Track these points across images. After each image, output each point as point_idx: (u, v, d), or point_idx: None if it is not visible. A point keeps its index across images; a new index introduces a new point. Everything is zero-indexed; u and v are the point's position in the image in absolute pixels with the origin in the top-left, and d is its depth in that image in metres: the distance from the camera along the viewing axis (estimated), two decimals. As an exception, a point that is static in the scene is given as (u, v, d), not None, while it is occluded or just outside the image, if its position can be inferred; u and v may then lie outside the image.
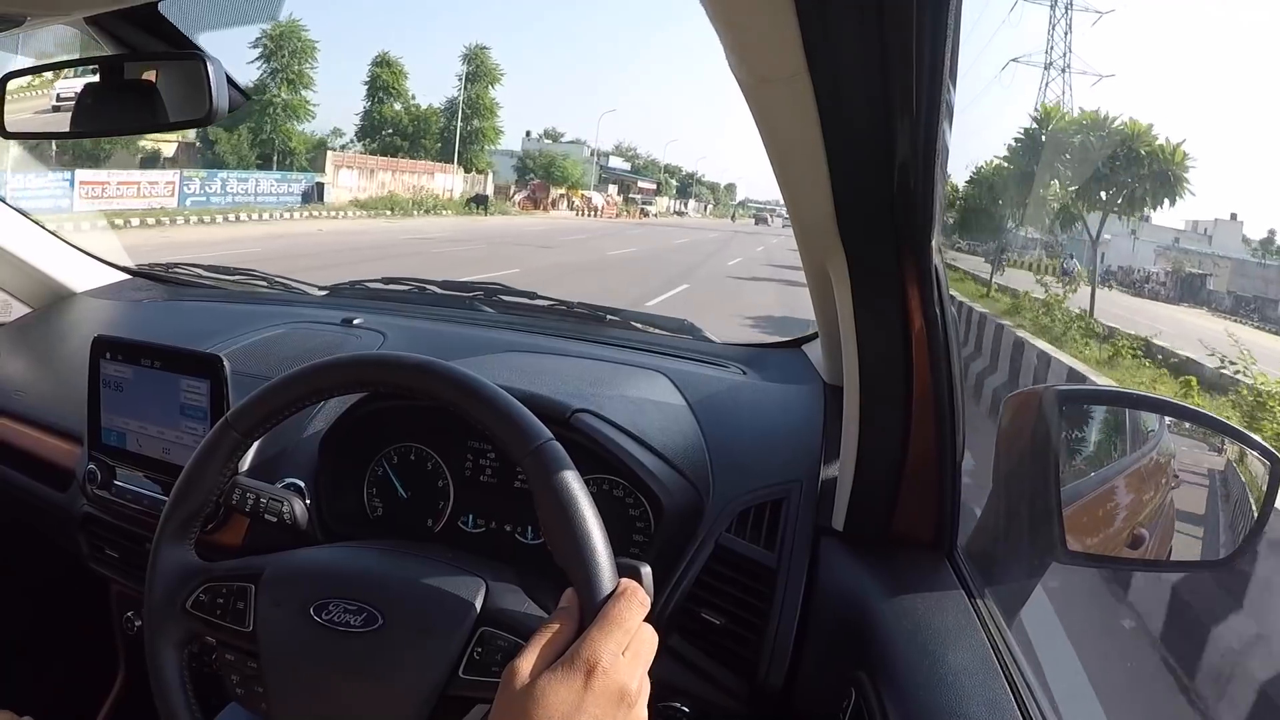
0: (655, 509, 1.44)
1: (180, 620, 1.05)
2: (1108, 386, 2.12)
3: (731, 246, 39.44)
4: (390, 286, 2.46)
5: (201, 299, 2.53)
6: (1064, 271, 22.83)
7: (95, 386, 1.66)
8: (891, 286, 1.17)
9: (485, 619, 1.00)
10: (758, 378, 1.84)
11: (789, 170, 1.11)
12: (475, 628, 0.99)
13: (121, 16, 1.35)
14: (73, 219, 18.31)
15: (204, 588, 1.06)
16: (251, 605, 1.04)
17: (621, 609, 0.90)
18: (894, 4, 0.78)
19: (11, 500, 2.00)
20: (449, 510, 1.57)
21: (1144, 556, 1.30)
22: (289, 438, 1.60)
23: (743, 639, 1.34)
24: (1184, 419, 1.35)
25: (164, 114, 1.39)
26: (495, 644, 0.98)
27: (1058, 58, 45.99)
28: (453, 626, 0.99)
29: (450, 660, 0.97)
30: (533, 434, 0.97)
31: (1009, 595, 1.33)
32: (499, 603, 1.03)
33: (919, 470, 1.30)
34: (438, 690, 0.96)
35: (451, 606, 1.01)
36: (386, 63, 47.24)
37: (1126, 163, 18.56)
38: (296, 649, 1.01)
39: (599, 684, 0.85)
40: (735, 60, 0.89)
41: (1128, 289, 38.29)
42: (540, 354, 1.85)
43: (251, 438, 1.10)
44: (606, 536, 0.94)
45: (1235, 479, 1.28)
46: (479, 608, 1.02)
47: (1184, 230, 47.90)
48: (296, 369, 1.09)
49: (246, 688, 1.05)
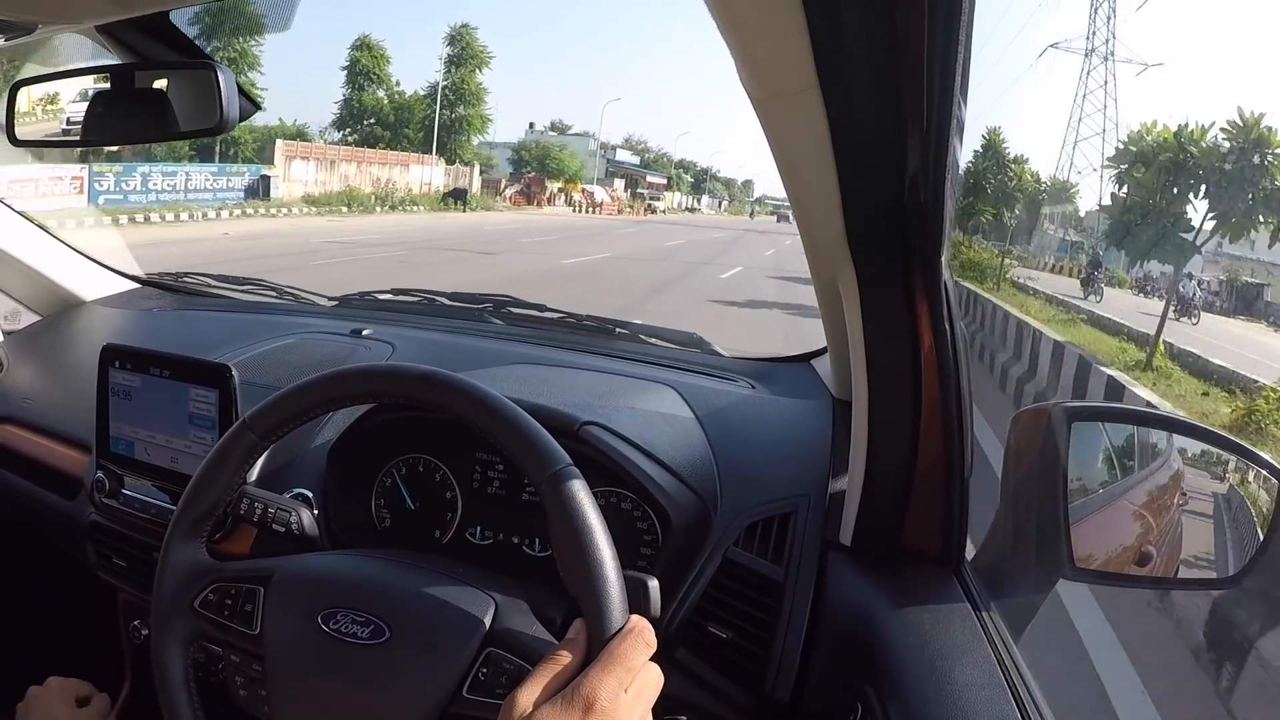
0: (663, 522, 1.43)
1: (188, 618, 1.05)
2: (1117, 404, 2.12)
3: (734, 251, 34.42)
4: (399, 298, 2.47)
5: (211, 309, 2.54)
6: (1182, 299, 19.89)
7: (104, 395, 1.66)
8: (901, 301, 1.17)
9: (493, 639, 1.00)
10: (766, 392, 1.84)
11: (799, 184, 1.11)
12: (482, 648, 0.99)
13: (133, 25, 1.35)
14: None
15: (213, 587, 1.06)
16: (260, 608, 1.04)
17: (627, 648, 0.89)
18: (905, 20, 0.78)
19: (19, 508, 2.00)
20: (457, 521, 1.57)
21: (1151, 574, 1.29)
22: (297, 448, 1.61)
23: (749, 653, 1.33)
24: (1192, 437, 1.34)
25: (174, 123, 1.39)
26: (501, 666, 0.97)
27: (1100, 44, 44.30)
28: (460, 645, 0.99)
29: (455, 679, 0.97)
30: (552, 459, 0.97)
31: (1016, 611, 1.33)
32: (507, 623, 1.03)
33: (927, 485, 1.29)
34: (440, 708, 0.96)
35: (459, 624, 1.01)
36: (367, 46, 45.12)
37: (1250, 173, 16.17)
38: (302, 656, 1.01)
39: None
40: (746, 74, 0.89)
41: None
42: (549, 366, 1.85)
43: (268, 440, 1.11)
44: (620, 570, 0.93)
45: (1243, 497, 1.28)
46: (487, 626, 1.01)
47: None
48: (320, 374, 1.09)
49: (250, 690, 1.05)
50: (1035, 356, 11.94)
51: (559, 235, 31.76)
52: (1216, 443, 1.31)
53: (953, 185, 0.98)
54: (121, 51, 1.39)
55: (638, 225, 48.43)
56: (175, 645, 1.05)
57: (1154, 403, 9.16)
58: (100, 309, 2.46)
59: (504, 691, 0.92)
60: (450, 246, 24.16)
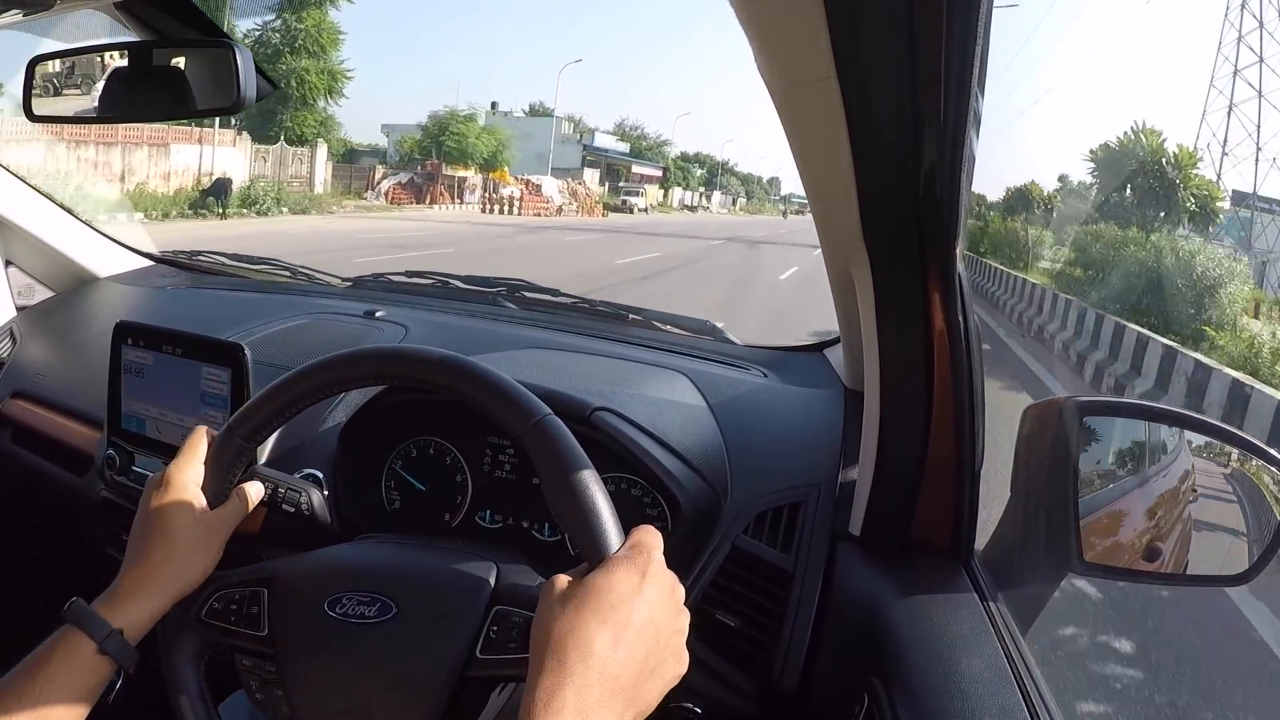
0: (673, 509, 1.44)
1: (196, 630, 1.04)
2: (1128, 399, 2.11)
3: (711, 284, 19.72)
4: (413, 280, 2.47)
5: (224, 287, 2.55)
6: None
7: (116, 372, 1.66)
8: (915, 293, 1.17)
9: (499, 597, 1.00)
10: (779, 381, 1.84)
11: (815, 174, 1.11)
12: (490, 606, 0.99)
13: (151, 2, 1.35)
14: None
15: (217, 596, 1.05)
16: (265, 609, 1.04)
17: (646, 532, 0.93)
18: (923, 10, 0.78)
19: (30, 483, 2.01)
20: (466, 505, 1.57)
21: (1160, 570, 1.29)
22: (309, 428, 1.61)
23: (757, 641, 1.34)
24: (1204, 433, 1.34)
25: (191, 101, 1.39)
26: (510, 620, 0.97)
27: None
28: (467, 608, 0.99)
29: (467, 642, 0.97)
30: (531, 408, 0.98)
31: (1024, 604, 1.33)
32: (511, 579, 1.03)
33: (937, 477, 1.30)
34: (456, 673, 0.96)
35: (464, 588, 1.01)
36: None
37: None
38: (313, 646, 1.01)
39: (656, 573, 0.88)
40: (764, 63, 0.89)
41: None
42: (562, 351, 1.85)
43: (254, 441, 1.11)
44: (611, 502, 0.94)
45: (1254, 493, 1.28)
46: (492, 585, 1.02)
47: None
48: (291, 371, 1.10)
49: (266, 692, 1.04)
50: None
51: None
52: (1227, 439, 1.31)
53: (968, 178, 0.98)
54: (139, 28, 1.39)
55: (574, 233, 32.61)
56: (187, 659, 1.04)
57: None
58: (114, 286, 2.47)
59: (516, 645, 0.94)
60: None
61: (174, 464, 1.09)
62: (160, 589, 1.03)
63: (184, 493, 1.07)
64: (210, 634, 1.04)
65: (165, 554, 1.03)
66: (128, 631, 0.99)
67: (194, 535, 1.05)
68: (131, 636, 0.99)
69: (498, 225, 33.67)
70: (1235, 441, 1.30)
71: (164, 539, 1.04)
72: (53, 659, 0.95)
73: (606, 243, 28.99)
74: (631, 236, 33.69)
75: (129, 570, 1.03)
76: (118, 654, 0.97)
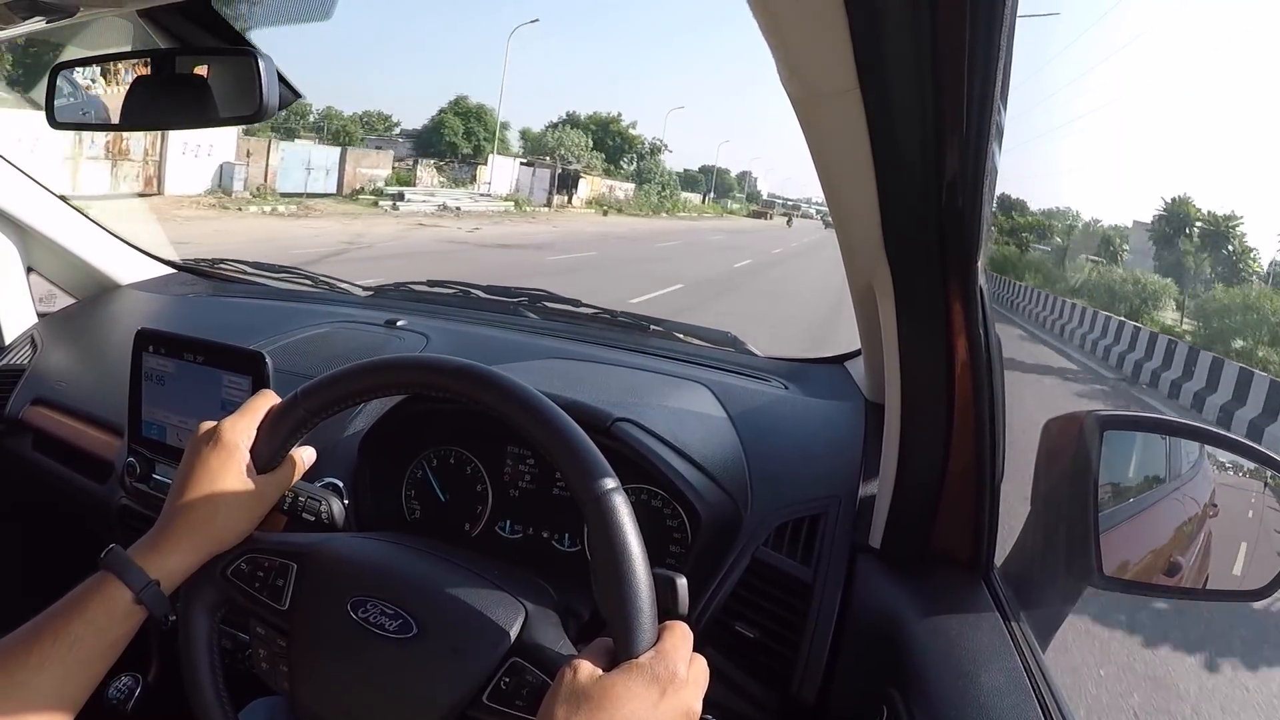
0: (693, 520, 1.44)
1: (218, 584, 1.05)
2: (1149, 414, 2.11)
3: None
4: (434, 290, 2.48)
5: (246, 295, 2.56)
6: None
7: (137, 379, 1.66)
8: (936, 306, 1.17)
9: (519, 649, 0.99)
10: (800, 392, 1.84)
11: (837, 186, 1.10)
12: (507, 656, 0.98)
13: (174, 10, 1.36)
14: None
15: (246, 557, 1.06)
16: (290, 584, 1.04)
17: (677, 637, 0.91)
18: (946, 22, 0.78)
19: (50, 490, 2.02)
20: (487, 515, 1.57)
21: (1180, 585, 1.29)
22: (329, 436, 1.60)
23: (776, 653, 1.34)
24: (1224, 448, 1.33)
25: (214, 109, 1.39)
26: (524, 677, 0.96)
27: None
28: (485, 652, 0.98)
29: (477, 683, 0.96)
30: (600, 475, 0.96)
31: (1043, 619, 1.33)
32: (535, 635, 1.01)
33: (958, 490, 1.29)
34: (458, 710, 0.95)
35: (487, 631, 1.00)
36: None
37: None
38: (328, 640, 1.01)
39: (672, 695, 0.86)
40: (786, 74, 0.89)
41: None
42: (583, 362, 1.85)
43: (317, 417, 1.10)
44: (654, 594, 0.93)
45: (1274, 508, 1.27)
46: (514, 637, 1.00)
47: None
48: (375, 359, 1.09)
49: (272, 664, 1.04)
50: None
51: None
52: (1248, 454, 1.31)
53: (990, 191, 0.98)
54: (162, 36, 1.40)
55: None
56: (203, 610, 1.05)
57: None
58: (135, 293, 2.49)
59: (523, 704, 0.93)
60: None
61: (228, 420, 1.10)
62: (199, 545, 1.04)
63: (235, 451, 1.07)
64: (231, 592, 1.05)
65: (209, 511, 1.04)
66: (163, 583, 1.00)
67: (240, 496, 1.06)
68: (166, 588, 1.01)
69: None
70: (1256, 456, 1.30)
71: (209, 495, 1.05)
72: (89, 605, 0.96)
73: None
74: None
75: (171, 522, 1.04)
76: (153, 604, 0.98)
